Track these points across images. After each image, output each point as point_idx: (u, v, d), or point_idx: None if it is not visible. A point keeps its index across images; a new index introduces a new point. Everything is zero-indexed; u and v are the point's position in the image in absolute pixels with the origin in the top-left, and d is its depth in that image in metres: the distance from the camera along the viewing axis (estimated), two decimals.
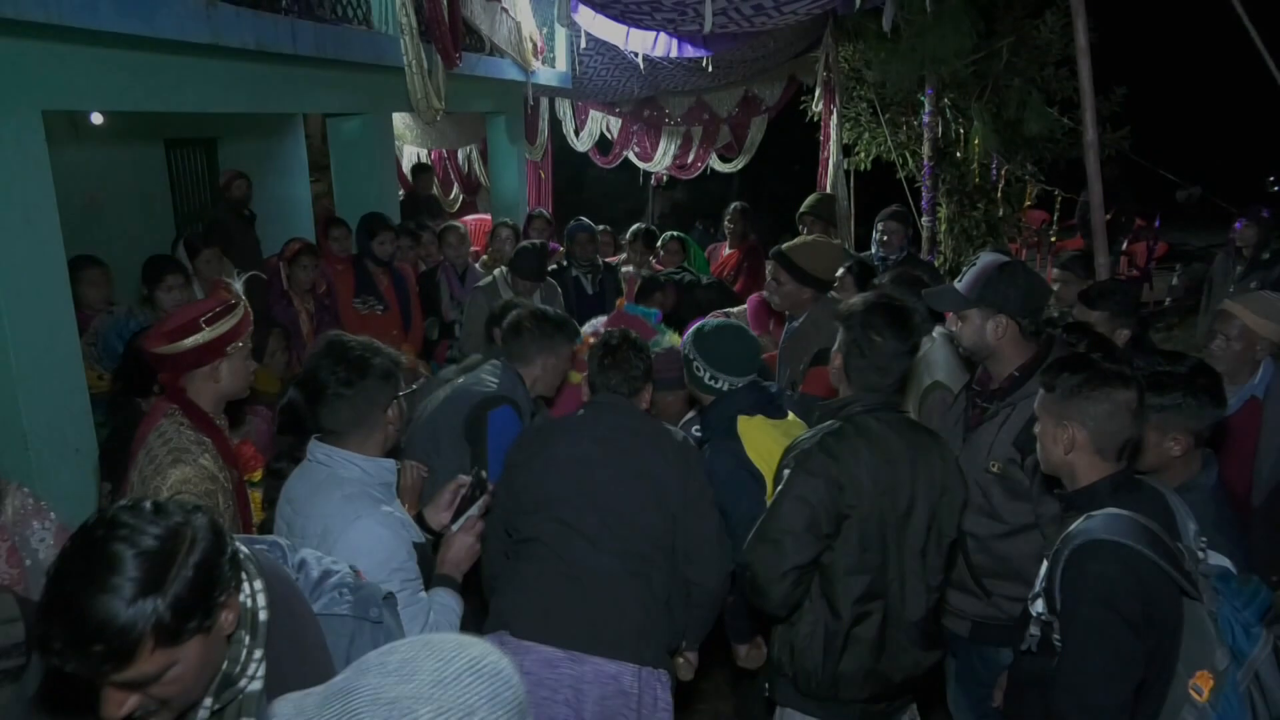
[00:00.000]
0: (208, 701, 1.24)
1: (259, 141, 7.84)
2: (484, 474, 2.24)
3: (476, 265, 6.00)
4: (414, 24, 5.49)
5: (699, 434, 2.95)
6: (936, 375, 3.22)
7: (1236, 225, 6.18)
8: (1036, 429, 2.14)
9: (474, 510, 2.16)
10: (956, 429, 2.76)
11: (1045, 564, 1.95)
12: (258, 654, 1.28)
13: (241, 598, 1.28)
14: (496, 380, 3.01)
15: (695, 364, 2.84)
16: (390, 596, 1.63)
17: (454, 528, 2.16)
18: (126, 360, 3.42)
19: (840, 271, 3.89)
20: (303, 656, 1.33)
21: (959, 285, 2.66)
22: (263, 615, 1.30)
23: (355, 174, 6.38)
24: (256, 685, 1.27)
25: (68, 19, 3.21)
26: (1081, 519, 1.90)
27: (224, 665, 1.25)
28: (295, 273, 5.08)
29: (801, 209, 6.64)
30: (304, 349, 4.81)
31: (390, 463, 2.14)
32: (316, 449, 2.12)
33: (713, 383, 2.81)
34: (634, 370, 2.71)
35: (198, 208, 7.87)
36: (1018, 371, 2.60)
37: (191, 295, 4.43)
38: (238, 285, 2.72)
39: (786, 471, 2.29)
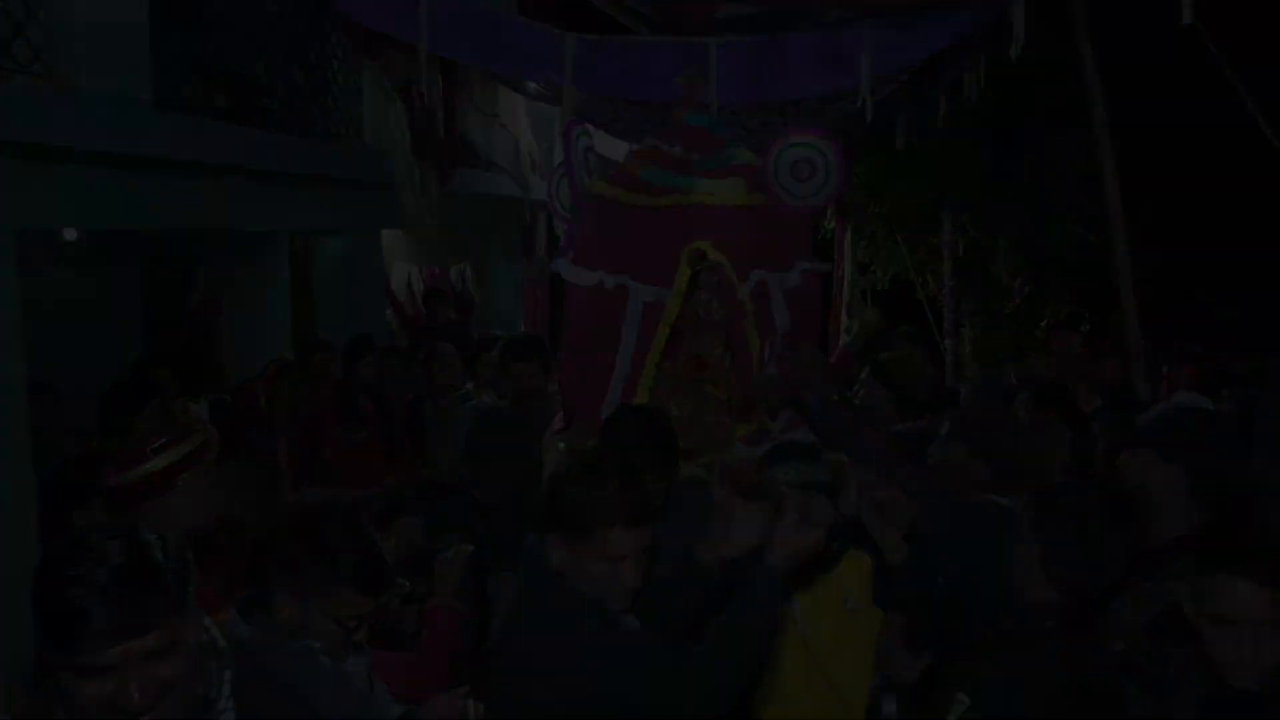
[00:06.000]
0: None
1: (239, 261, 7.97)
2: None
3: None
4: (407, 140, 5.69)
5: None
6: None
7: None
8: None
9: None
10: None
11: None
12: (228, 675, 1.53)
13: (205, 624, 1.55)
14: None
15: None
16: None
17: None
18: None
19: None
20: (269, 685, 1.62)
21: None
22: (222, 643, 1.57)
23: (340, 293, 6.47)
24: (230, 716, 1.51)
25: (57, 138, 3.33)
26: None
27: (199, 687, 1.48)
28: (274, 395, 5.06)
29: None
30: (282, 478, 4.73)
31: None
32: None
33: None
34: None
35: (170, 328, 7.94)
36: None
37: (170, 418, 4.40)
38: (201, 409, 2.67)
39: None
